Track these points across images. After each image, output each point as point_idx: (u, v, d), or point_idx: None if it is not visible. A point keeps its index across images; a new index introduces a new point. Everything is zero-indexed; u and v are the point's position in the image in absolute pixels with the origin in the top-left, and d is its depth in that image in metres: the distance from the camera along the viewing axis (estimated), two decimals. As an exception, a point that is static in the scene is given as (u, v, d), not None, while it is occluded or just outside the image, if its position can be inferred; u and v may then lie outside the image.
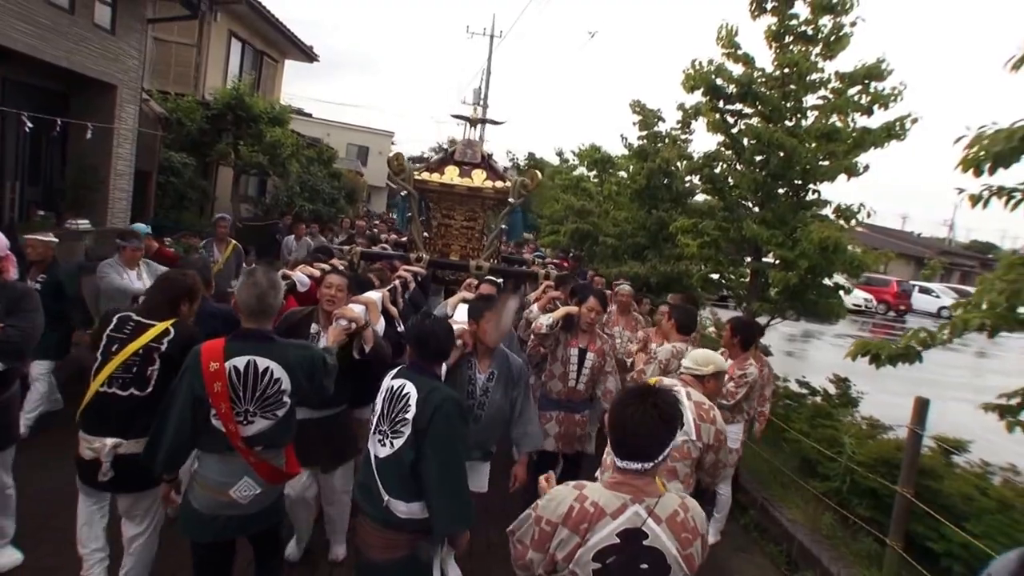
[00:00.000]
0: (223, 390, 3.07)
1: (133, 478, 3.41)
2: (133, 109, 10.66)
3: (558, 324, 5.32)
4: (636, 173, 12.00)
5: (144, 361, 3.37)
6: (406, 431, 3.06)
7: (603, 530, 2.21)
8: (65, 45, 8.68)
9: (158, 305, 3.59)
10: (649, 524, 2.20)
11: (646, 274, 11.28)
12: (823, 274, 7.71)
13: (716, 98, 8.31)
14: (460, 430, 3.18)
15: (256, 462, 3.19)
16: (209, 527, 3.20)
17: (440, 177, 7.65)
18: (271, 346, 3.24)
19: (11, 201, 9.17)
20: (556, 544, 2.28)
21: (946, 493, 5.27)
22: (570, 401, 5.49)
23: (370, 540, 3.18)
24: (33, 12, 7.97)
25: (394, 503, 3.06)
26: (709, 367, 3.99)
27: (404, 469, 3.06)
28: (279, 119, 15.36)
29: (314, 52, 21.29)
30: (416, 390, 3.12)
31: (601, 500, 2.25)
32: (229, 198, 16.04)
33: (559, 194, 16.98)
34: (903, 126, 7.51)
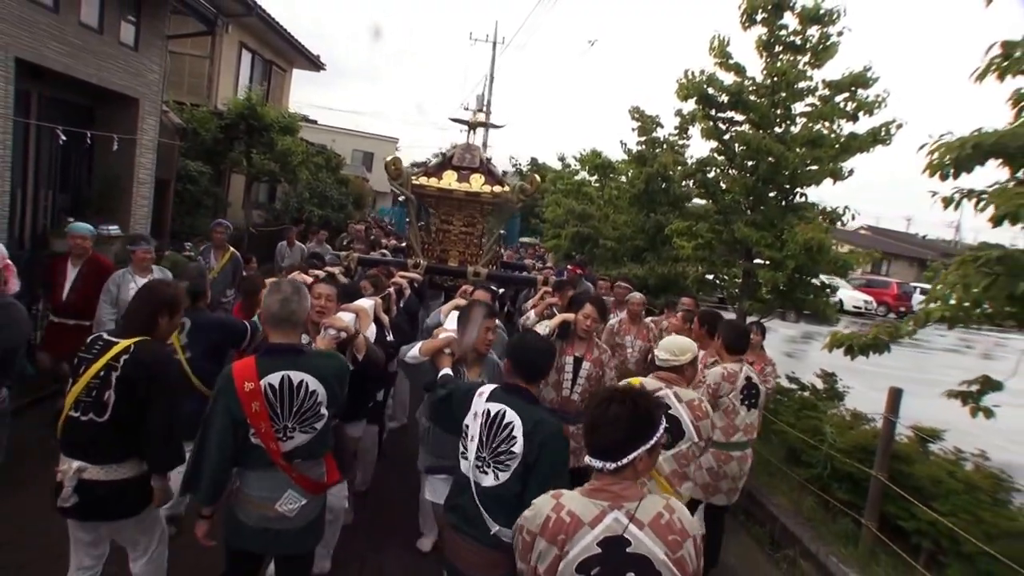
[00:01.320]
0: (262, 410, 2.99)
1: (104, 507, 3.25)
2: (154, 121, 11.10)
3: (554, 332, 5.15)
4: (635, 178, 12.41)
5: (103, 384, 3.14)
6: (513, 464, 2.98)
7: (582, 540, 2.11)
8: (94, 62, 9.13)
9: (133, 319, 3.37)
10: (631, 530, 2.09)
11: (644, 276, 11.63)
12: (809, 274, 8.13)
13: (708, 106, 8.75)
14: (566, 463, 3.13)
15: (298, 476, 3.14)
16: (259, 539, 3.17)
17: (438, 182, 7.55)
18: (302, 359, 3.15)
19: (44, 209, 9.66)
20: (536, 556, 2.19)
21: (917, 476, 5.64)
22: (563, 411, 5.26)
23: (472, 559, 3.09)
24: (66, 33, 8.42)
25: (503, 531, 2.94)
26: (686, 355, 3.97)
27: (511, 499, 2.95)
28: (289, 128, 15.71)
29: (320, 61, 21.67)
30: (520, 420, 3.00)
31: (577, 509, 2.15)
32: (241, 204, 16.48)
33: (561, 199, 17.26)
34: (888, 131, 7.93)
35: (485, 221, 7.94)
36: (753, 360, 6.09)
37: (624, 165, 14.16)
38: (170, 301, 3.42)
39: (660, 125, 12.51)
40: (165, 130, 12.02)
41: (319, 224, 17.01)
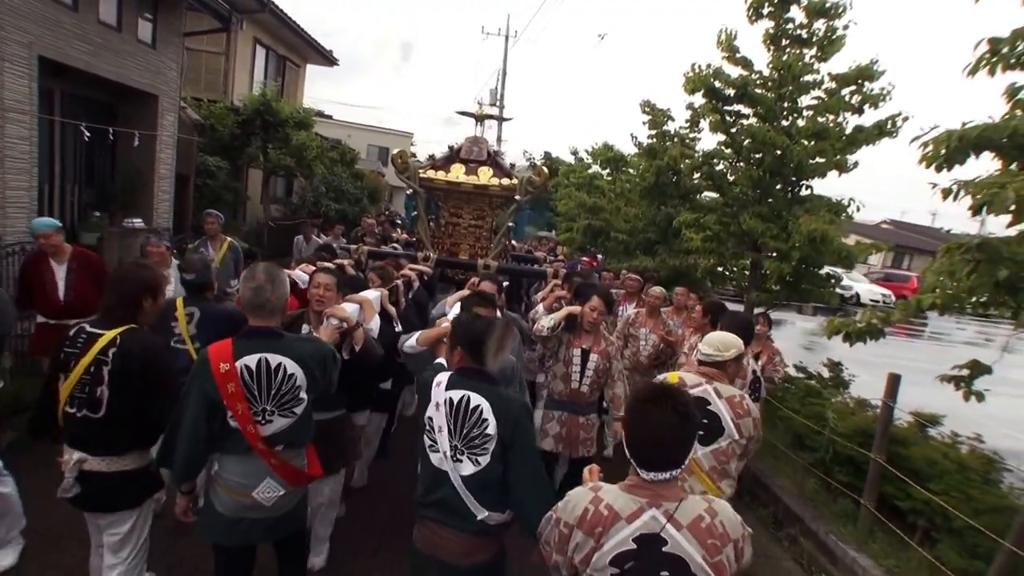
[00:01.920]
0: (238, 390, 2.97)
1: (104, 498, 3.24)
2: (173, 117, 11.35)
3: (559, 325, 5.16)
4: (646, 171, 12.43)
5: (94, 380, 3.09)
6: (491, 447, 2.95)
7: (618, 535, 2.10)
8: (114, 60, 9.38)
9: (112, 307, 3.24)
10: (668, 530, 2.07)
11: (655, 268, 11.62)
12: (814, 264, 8.27)
13: (715, 100, 8.83)
14: (534, 434, 3.17)
15: (277, 463, 3.10)
16: (233, 530, 3.13)
17: (446, 175, 7.50)
18: (280, 342, 3.11)
19: (71, 203, 9.96)
20: (573, 547, 2.19)
21: (914, 459, 5.81)
22: (573, 403, 5.36)
23: (456, 549, 3.03)
24: (87, 31, 8.67)
25: (492, 516, 2.97)
26: (731, 351, 3.82)
27: (495, 483, 2.98)
28: (304, 123, 15.92)
29: (334, 56, 21.85)
30: (488, 402, 2.96)
31: (616, 503, 2.14)
32: (260, 199, 16.79)
33: (573, 192, 17.26)
34: (894, 124, 7.95)
35: (494, 214, 7.90)
36: (760, 350, 6.30)
37: (635, 159, 14.19)
38: (151, 283, 3.33)
39: (671, 118, 12.49)
40: (183, 126, 12.29)
41: (336, 218, 17.23)
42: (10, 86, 7.18)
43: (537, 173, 7.54)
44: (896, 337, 20.85)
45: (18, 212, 7.53)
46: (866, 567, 5.02)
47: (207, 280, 4.73)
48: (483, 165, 7.55)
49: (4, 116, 7.07)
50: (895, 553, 5.17)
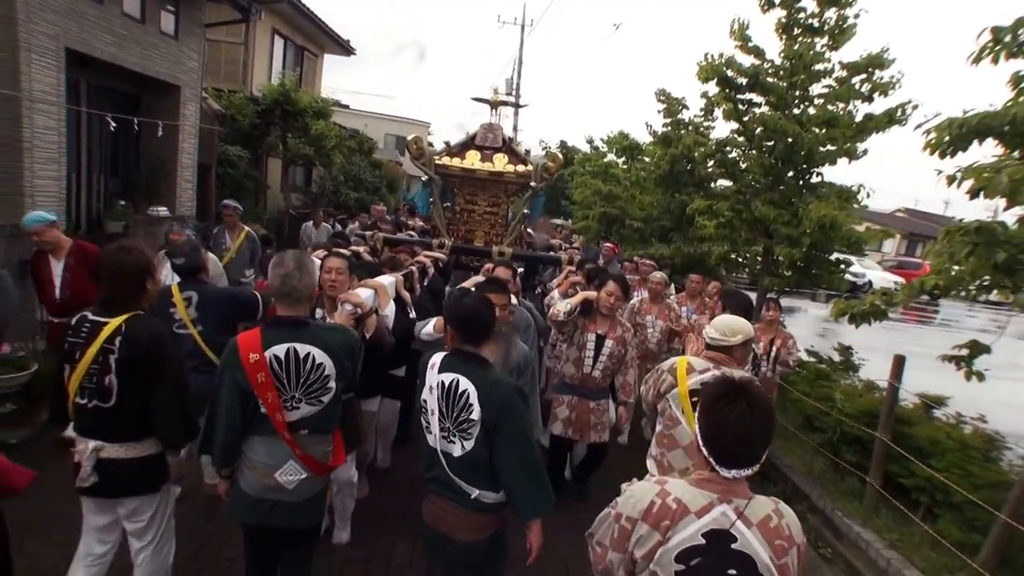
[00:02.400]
0: (267, 380, 2.98)
1: (122, 484, 3.22)
2: (194, 107, 11.56)
3: (575, 310, 5.18)
4: (660, 159, 12.57)
5: (102, 369, 3.06)
6: (475, 431, 2.93)
7: (686, 529, 2.04)
8: (138, 51, 9.59)
9: (119, 293, 3.18)
10: (738, 526, 2.02)
11: (670, 255, 11.88)
12: (824, 250, 8.40)
13: (728, 88, 8.98)
14: (527, 418, 3.03)
15: (300, 454, 3.12)
16: (256, 510, 3.15)
17: (461, 162, 7.45)
18: (308, 331, 3.12)
19: (97, 193, 10.20)
20: (635, 541, 2.12)
21: (918, 438, 5.95)
22: (584, 387, 5.39)
23: (460, 523, 3.06)
24: (112, 24, 8.88)
25: (484, 495, 2.98)
26: (737, 336, 3.75)
27: (483, 466, 2.96)
28: (323, 112, 16.05)
29: (351, 46, 21.97)
30: (474, 387, 2.93)
31: (685, 497, 2.08)
32: (279, 188, 17.02)
33: (589, 180, 17.31)
34: (903, 112, 8.07)
35: (509, 201, 7.91)
36: (774, 336, 6.51)
37: (651, 147, 14.24)
38: (148, 265, 3.29)
39: (686, 107, 12.60)
40: (205, 116, 12.50)
41: (356, 207, 17.40)
42: (38, 77, 7.38)
43: (552, 160, 7.50)
44: (907, 324, 20.87)
45: (46, 201, 7.73)
46: (869, 541, 5.17)
47: (197, 262, 4.67)
48: (498, 152, 7.51)
49: (32, 107, 7.27)
50: (898, 528, 5.33)
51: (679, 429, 3.71)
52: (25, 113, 7.16)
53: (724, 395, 2.11)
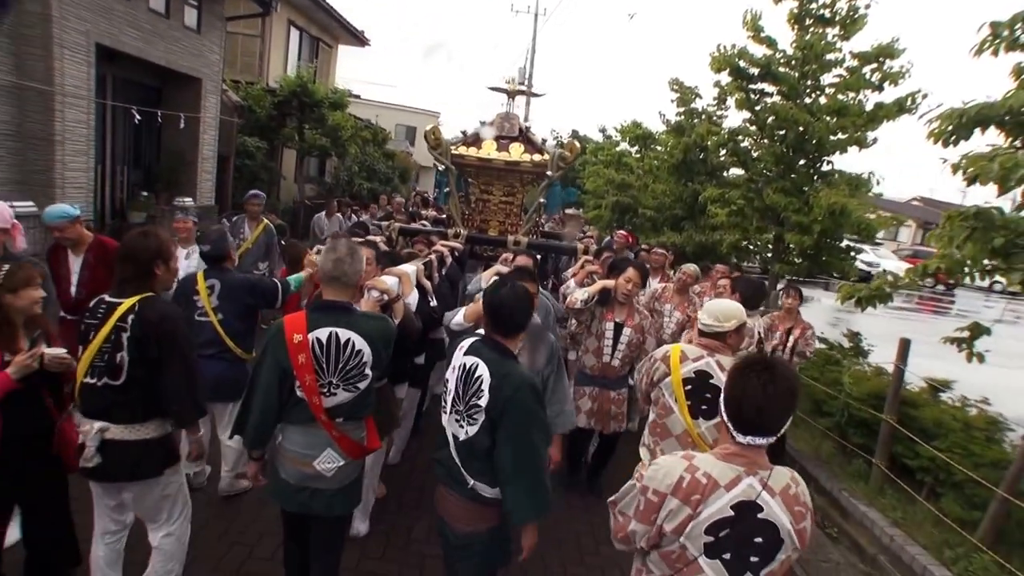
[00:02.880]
0: (307, 362, 3.04)
1: (126, 467, 3.21)
2: (215, 99, 11.83)
3: (593, 298, 5.18)
4: (673, 148, 12.68)
5: (114, 347, 3.10)
6: (480, 418, 2.89)
7: (717, 502, 2.13)
8: (163, 46, 9.85)
9: (127, 278, 3.24)
10: (764, 497, 2.12)
11: (682, 243, 11.96)
12: (834, 237, 8.55)
13: (740, 78, 9.14)
14: (537, 417, 2.94)
15: (338, 435, 3.17)
16: (295, 498, 3.20)
17: (477, 151, 7.34)
18: (350, 317, 3.17)
19: (120, 183, 10.48)
20: (665, 515, 2.19)
21: (923, 419, 6.12)
22: (604, 377, 5.36)
23: (457, 512, 3.07)
24: (139, 19, 9.12)
25: (479, 486, 2.95)
26: (731, 322, 3.68)
27: (483, 453, 2.92)
28: (339, 103, 16.24)
29: (365, 36, 22.15)
30: (489, 374, 2.89)
31: (714, 471, 2.17)
32: (293, 178, 17.25)
33: (601, 169, 17.38)
34: (914, 100, 8.18)
35: (525, 190, 7.79)
36: (792, 325, 6.45)
37: (664, 136, 14.28)
38: (160, 249, 3.31)
39: (699, 96, 12.66)
40: (224, 108, 12.76)
41: (369, 198, 17.59)
42: (70, 72, 7.63)
43: (568, 149, 7.34)
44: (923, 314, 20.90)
45: (76, 192, 8.00)
46: (875, 520, 5.35)
47: (223, 251, 4.68)
48: (514, 141, 7.40)
49: (64, 101, 7.53)
50: (902, 507, 5.50)
51: (672, 418, 3.67)
52: (57, 107, 7.42)
53: (752, 365, 2.20)
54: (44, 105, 7.35)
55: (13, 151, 7.22)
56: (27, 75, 7.16)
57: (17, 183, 7.28)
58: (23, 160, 7.34)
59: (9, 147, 7.15)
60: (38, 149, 7.41)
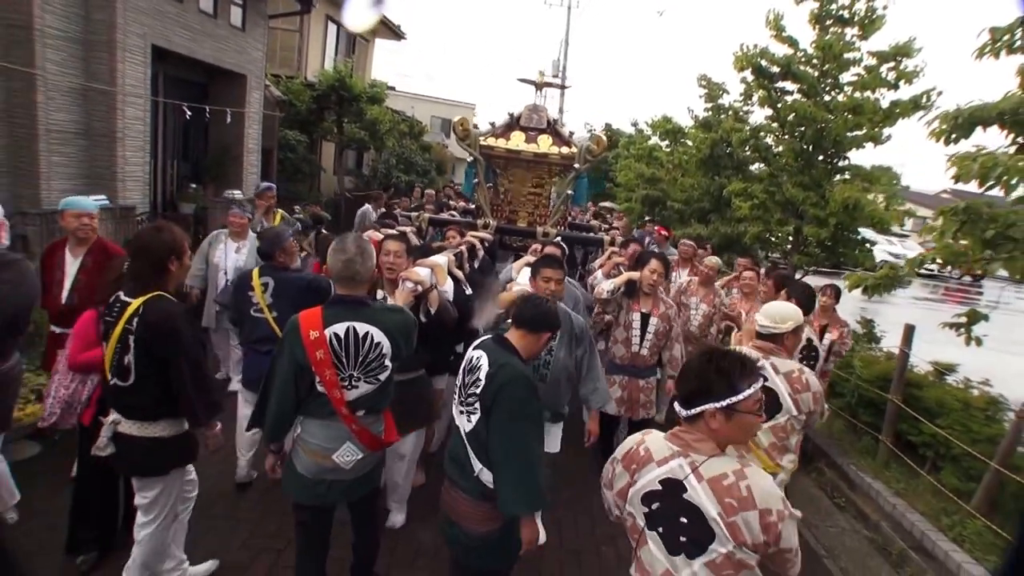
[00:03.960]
0: (326, 357, 3.06)
1: (133, 461, 3.30)
2: (258, 95, 12.36)
3: (619, 289, 5.31)
4: (701, 143, 13.01)
5: (123, 349, 3.12)
6: (478, 407, 2.97)
7: (648, 474, 2.25)
8: (211, 44, 10.39)
9: (139, 275, 3.22)
10: (690, 480, 2.16)
11: (709, 235, 12.20)
12: (848, 229, 8.88)
13: (761, 77, 9.50)
14: (527, 409, 2.97)
15: (358, 429, 3.20)
16: (313, 491, 3.24)
17: (506, 143, 7.37)
18: (367, 311, 3.20)
19: (171, 176, 11.07)
20: (614, 478, 2.39)
21: (926, 399, 6.51)
22: (634, 366, 5.48)
23: (465, 512, 3.10)
24: (189, 20, 9.68)
25: (485, 473, 2.98)
26: (788, 323, 3.69)
27: (485, 442, 2.98)
28: (377, 97, 16.64)
29: (402, 31, 22.59)
30: (488, 365, 2.99)
31: (653, 446, 2.30)
32: (333, 171, 17.80)
33: (633, 163, 17.68)
34: (928, 98, 8.37)
35: (552, 182, 7.89)
36: (828, 323, 6.47)
37: (693, 131, 14.56)
38: (174, 245, 3.26)
39: (726, 92, 12.94)
40: (267, 103, 13.29)
41: (406, 190, 18.01)
42: (130, 73, 8.18)
43: (596, 142, 7.46)
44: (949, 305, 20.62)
45: (134, 185, 8.59)
46: (879, 491, 5.76)
47: (269, 249, 4.76)
48: (543, 133, 7.46)
49: (124, 100, 8.07)
50: (905, 479, 5.91)
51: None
52: (119, 106, 7.97)
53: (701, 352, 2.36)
54: (107, 104, 7.89)
55: (82, 148, 7.78)
56: (94, 77, 7.71)
57: (85, 178, 7.85)
58: (89, 156, 7.89)
59: (79, 145, 7.71)
60: (102, 146, 7.95)
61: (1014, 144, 5.16)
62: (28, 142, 6.99)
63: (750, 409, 2.18)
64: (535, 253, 5.72)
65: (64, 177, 7.54)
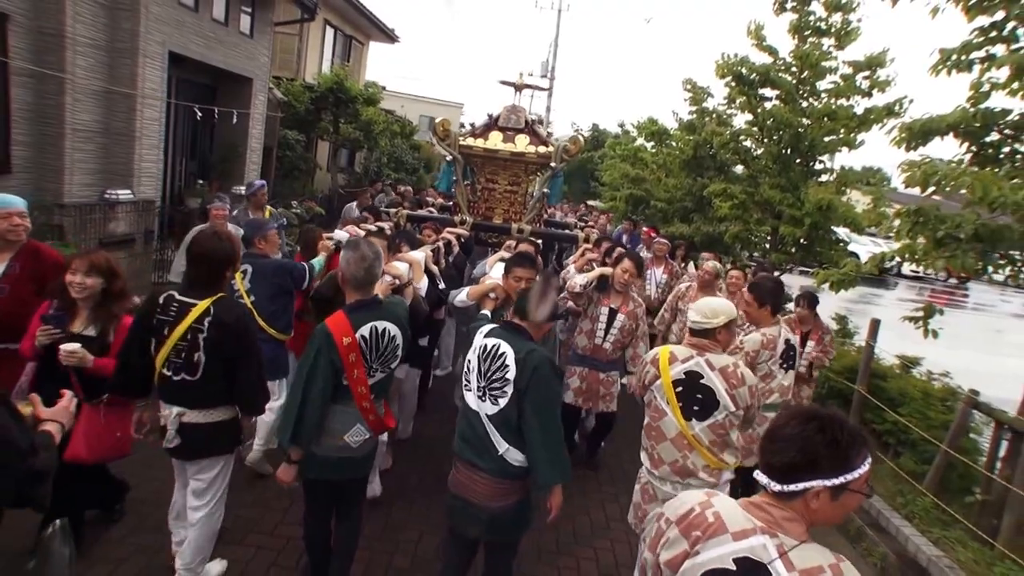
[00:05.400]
0: (358, 359, 3.26)
1: (198, 445, 3.46)
2: (263, 97, 12.84)
3: (591, 284, 5.44)
4: (685, 145, 13.34)
5: (191, 347, 3.27)
6: (508, 390, 3.09)
7: (717, 548, 1.80)
8: (222, 50, 10.91)
9: (202, 279, 3.40)
10: (776, 566, 1.73)
11: (690, 234, 12.67)
12: (822, 229, 9.44)
13: (741, 84, 10.03)
14: (556, 389, 3.22)
15: (371, 411, 3.43)
16: (326, 467, 3.44)
17: (484, 142, 7.51)
18: (382, 308, 3.42)
19: (180, 173, 11.56)
20: (663, 543, 1.93)
21: (890, 390, 7.07)
22: (595, 358, 5.60)
23: (486, 491, 3.20)
24: (203, 27, 10.19)
25: (511, 452, 3.13)
26: (719, 318, 3.59)
27: (513, 424, 3.11)
28: (372, 99, 17.20)
29: (395, 34, 23.03)
30: (512, 351, 3.13)
31: (725, 513, 1.86)
32: (327, 168, 18.28)
33: (618, 163, 18.06)
34: (901, 105, 8.88)
35: (529, 180, 7.99)
36: (810, 329, 6.26)
37: (677, 133, 14.73)
38: (233, 256, 3.53)
39: (711, 95, 13.32)
40: (269, 104, 13.76)
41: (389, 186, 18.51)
42: (149, 77, 8.67)
43: (572, 142, 7.58)
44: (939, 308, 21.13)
45: (149, 180, 9.10)
46: (842, 476, 6.25)
47: (249, 235, 4.91)
48: (520, 133, 7.58)
49: (143, 102, 8.55)
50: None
51: (665, 421, 3.60)
52: (138, 108, 8.47)
53: (796, 414, 1.83)
54: (128, 106, 8.38)
55: (102, 146, 8.27)
56: (117, 81, 8.20)
57: (104, 173, 8.36)
58: (108, 154, 8.38)
59: (99, 143, 8.20)
60: (121, 144, 8.45)
61: (968, 152, 5.74)
62: (55, 140, 7.50)
63: (860, 488, 1.77)
64: (508, 248, 5.94)
65: (85, 172, 8.05)
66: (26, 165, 7.34)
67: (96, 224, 7.72)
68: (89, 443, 3.53)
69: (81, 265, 3.49)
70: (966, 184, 4.81)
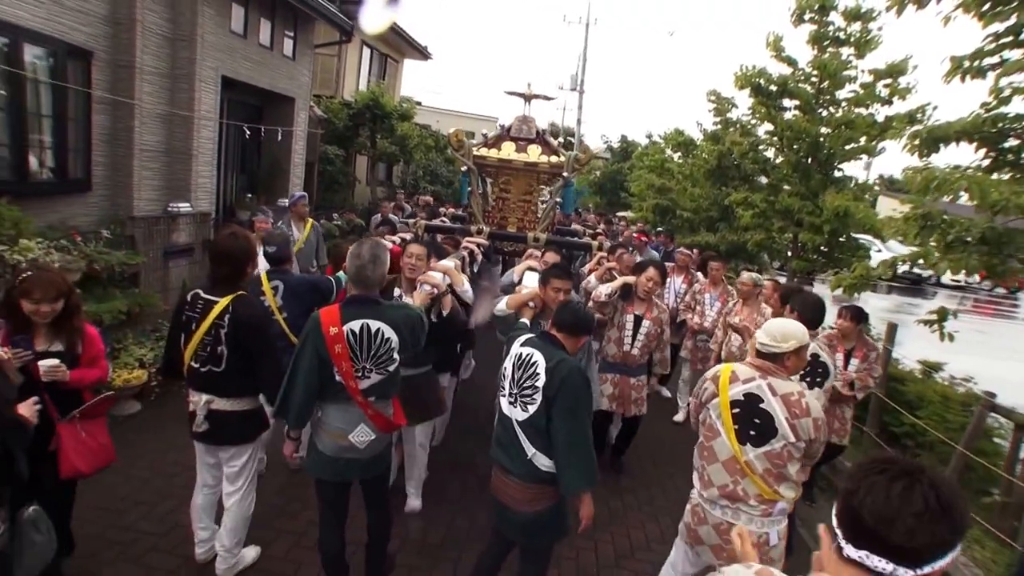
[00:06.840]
0: (344, 351, 3.33)
1: (227, 432, 3.70)
2: (305, 115, 13.46)
3: (616, 293, 5.57)
4: (710, 155, 13.59)
5: (215, 341, 3.54)
6: (538, 398, 3.20)
7: None
8: (268, 73, 11.57)
9: (223, 277, 3.65)
10: None
11: (716, 243, 12.96)
12: (842, 235, 9.67)
13: (760, 95, 10.31)
14: (585, 398, 3.27)
15: (372, 413, 3.49)
16: (333, 467, 3.53)
17: (497, 152, 7.54)
18: (378, 309, 3.47)
19: (231, 187, 12.23)
20: None
21: (908, 393, 7.25)
22: (625, 365, 5.77)
23: (517, 495, 3.30)
24: (250, 52, 10.87)
25: (539, 456, 3.24)
26: (790, 342, 3.33)
27: (542, 430, 3.21)
28: (407, 115, 17.78)
29: (428, 52, 23.58)
30: (544, 359, 3.24)
31: None
32: (366, 182, 18.88)
33: (645, 174, 18.34)
34: (924, 112, 8.91)
35: (541, 189, 8.00)
36: (854, 346, 5.83)
37: (702, 143, 15.08)
38: (252, 251, 3.76)
39: (735, 106, 13.41)
40: (310, 121, 14.38)
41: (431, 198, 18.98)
42: (205, 100, 9.31)
43: (583, 151, 7.61)
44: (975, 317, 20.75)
45: (204, 194, 9.75)
46: (860, 477, 6.46)
47: (286, 254, 4.98)
48: (532, 143, 7.62)
49: (200, 123, 9.21)
50: (885, 466, 6.64)
51: (718, 441, 3.42)
52: (195, 129, 9.12)
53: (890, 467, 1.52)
54: (186, 127, 9.02)
55: (165, 164, 8.91)
56: (177, 105, 8.85)
57: (166, 188, 9.01)
58: (170, 171, 9.03)
59: (162, 161, 8.85)
60: (180, 162, 9.09)
61: (987, 157, 5.71)
62: (126, 160, 8.19)
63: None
64: (533, 258, 6.09)
65: (151, 188, 8.70)
66: (104, 183, 8.06)
67: (161, 235, 8.41)
68: (81, 456, 3.49)
69: (46, 293, 3.34)
70: (963, 187, 5.04)
